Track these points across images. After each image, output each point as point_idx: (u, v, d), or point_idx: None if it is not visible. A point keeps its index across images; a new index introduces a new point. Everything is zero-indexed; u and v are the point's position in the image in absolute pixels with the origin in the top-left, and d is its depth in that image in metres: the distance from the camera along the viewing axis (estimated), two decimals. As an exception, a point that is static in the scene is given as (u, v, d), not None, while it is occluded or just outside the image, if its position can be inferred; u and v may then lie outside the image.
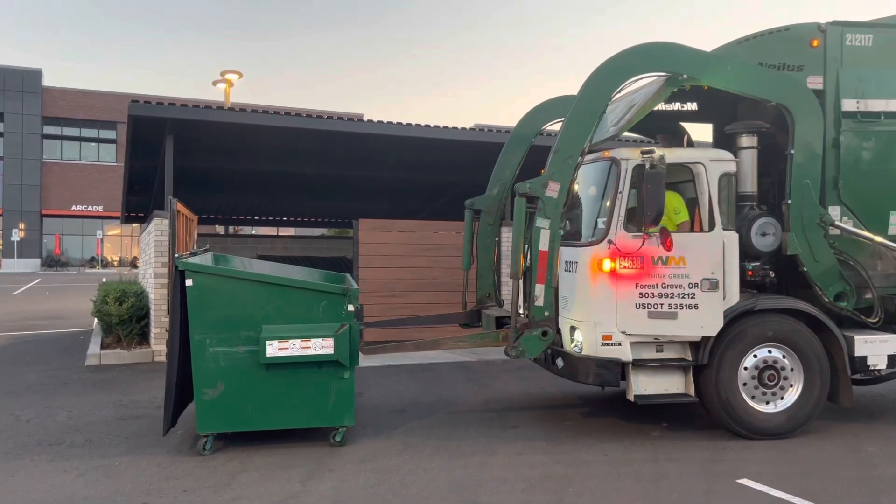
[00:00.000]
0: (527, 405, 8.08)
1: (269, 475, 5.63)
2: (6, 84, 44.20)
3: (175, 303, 6.30)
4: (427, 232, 13.01)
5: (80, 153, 47.10)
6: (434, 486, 5.40)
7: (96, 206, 46.23)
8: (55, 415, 7.58)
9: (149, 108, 11.02)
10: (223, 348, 6.22)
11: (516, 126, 8.69)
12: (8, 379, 9.63)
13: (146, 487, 5.37)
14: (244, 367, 6.23)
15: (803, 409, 6.62)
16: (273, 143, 13.36)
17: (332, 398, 6.39)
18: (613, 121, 7.26)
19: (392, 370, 10.12)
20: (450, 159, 14.89)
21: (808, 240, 6.70)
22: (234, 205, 21.01)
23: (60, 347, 12.55)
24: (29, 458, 6.07)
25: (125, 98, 21.69)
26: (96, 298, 12.06)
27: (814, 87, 6.84)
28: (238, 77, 23.04)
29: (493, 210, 8.62)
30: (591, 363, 6.48)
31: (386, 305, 11.91)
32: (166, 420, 6.32)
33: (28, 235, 44.24)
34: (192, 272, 6.18)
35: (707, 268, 6.45)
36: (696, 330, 6.45)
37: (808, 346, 6.62)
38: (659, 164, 6.17)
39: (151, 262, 11.58)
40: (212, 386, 6.21)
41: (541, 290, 6.49)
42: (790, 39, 6.92)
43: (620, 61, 6.60)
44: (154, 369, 10.13)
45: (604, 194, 6.69)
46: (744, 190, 6.93)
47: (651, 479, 5.57)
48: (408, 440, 6.60)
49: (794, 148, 6.69)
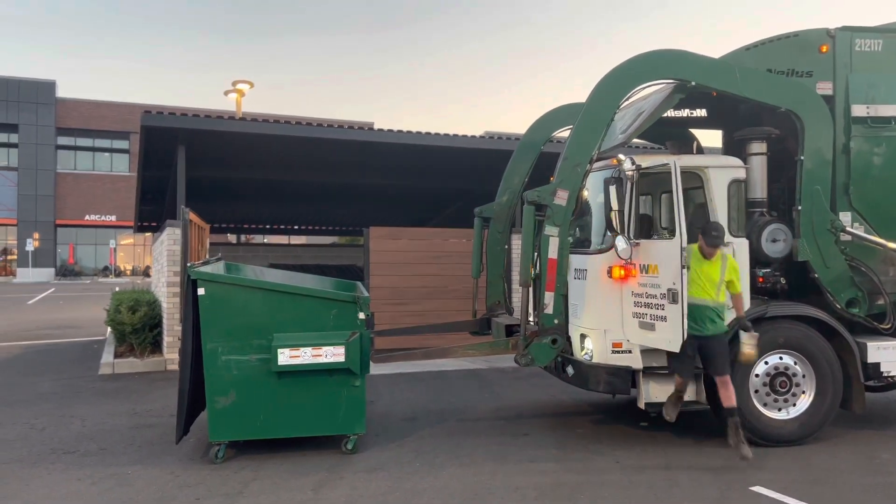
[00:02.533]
0: (538, 413, 8.08)
1: (281, 483, 5.66)
2: (21, 96, 44.70)
3: (187, 312, 6.34)
4: (437, 240, 13.04)
5: (93, 164, 47.54)
6: (446, 494, 5.41)
7: (109, 216, 46.59)
8: (69, 423, 7.65)
9: (161, 118, 11.13)
10: (235, 357, 6.26)
11: (525, 133, 8.71)
12: (23, 388, 9.72)
13: (159, 495, 5.41)
14: (256, 375, 6.27)
15: (816, 415, 6.58)
16: (284, 152, 13.44)
17: (344, 406, 6.42)
18: (622, 128, 7.28)
19: (403, 378, 10.13)
20: (459, 167, 14.94)
21: (819, 246, 6.67)
22: (245, 214, 21.14)
23: (74, 356, 12.64)
24: (43, 467, 6.13)
25: (138, 109, 21.89)
26: (109, 307, 12.16)
27: (823, 93, 6.83)
28: (249, 87, 23.25)
29: (502, 218, 8.63)
30: (601, 371, 6.47)
31: (396, 313, 11.94)
32: (179, 428, 6.37)
33: (42, 245, 44.62)
34: (203, 281, 6.23)
35: (670, 277, 6.16)
36: (664, 343, 6.22)
37: (820, 352, 6.59)
38: (624, 173, 6.23)
39: (164, 272, 11.67)
40: (224, 394, 6.25)
41: (550, 297, 6.49)
42: (799, 45, 6.92)
43: (629, 69, 6.61)
44: (167, 378, 10.19)
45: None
46: (754, 196, 6.91)
47: (664, 487, 5.55)
48: (419, 448, 6.61)
49: (804, 154, 6.68)
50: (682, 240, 6.11)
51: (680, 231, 6.13)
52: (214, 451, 6.26)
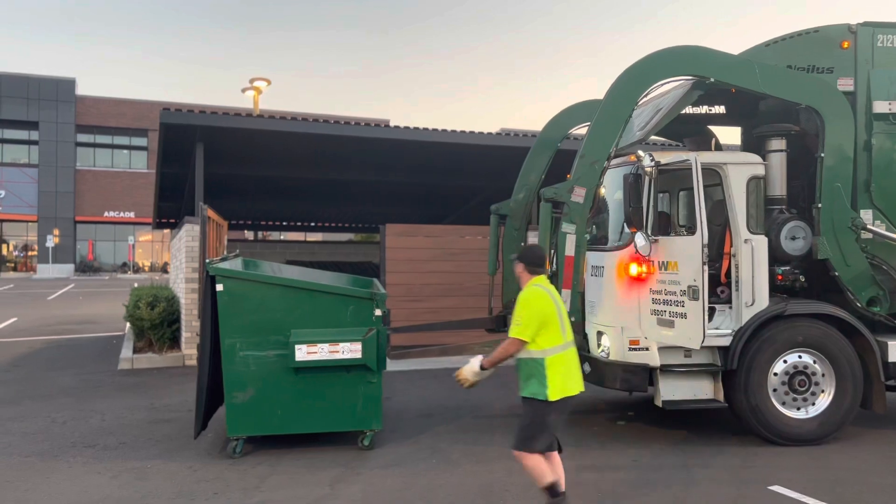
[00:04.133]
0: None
1: (298, 478, 5.69)
2: (41, 93, 45.19)
3: (206, 307, 6.41)
4: (453, 237, 13.04)
5: (112, 160, 47.97)
6: (461, 491, 5.42)
7: (128, 213, 47.02)
8: (89, 418, 7.74)
9: (180, 115, 11.20)
10: (253, 352, 6.31)
11: (542, 130, 8.70)
12: (43, 382, 9.85)
13: (177, 490, 5.46)
14: (274, 370, 6.32)
15: (835, 415, 6.52)
16: (301, 149, 13.51)
17: (361, 402, 6.46)
18: (640, 124, 7.24)
19: (419, 375, 10.15)
20: (476, 164, 14.93)
21: (840, 244, 6.61)
22: (262, 210, 21.24)
23: (94, 351, 12.78)
24: (64, 460, 6.21)
25: (156, 106, 22.06)
26: (128, 303, 12.27)
27: (844, 90, 6.76)
28: (266, 84, 23.31)
29: (518, 215, 8.62)
30: (618, 368, 6.45)
31: (412, 310, 11.94)
32: (197, 423, 6.44)
33: (62, 241, 45.12)
34: (222, 277, 6.27)
35: (690, 274, 6.24)
36: (684, 341, 6.31)
37: (840, 351, 6.53)
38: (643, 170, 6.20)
39: (182, 268, 11.76)
40: (242, 389, 6.31)
41: (567, 295, 6.47)
42: (820, 41, 6.85)
43: (647, 65, 6.58)
44: (185, 373, 10.28)
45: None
46: (773, 193, 6.86)
47: (681, 486, 5.53)
48: (435, 445, 6.63)
49: (824, 151, 6.62)
50: (702, 237, 6.13)
51: (701, 228, 6.14)
52: (232, 446, 6.31)
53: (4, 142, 45.74)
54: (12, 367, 11.21)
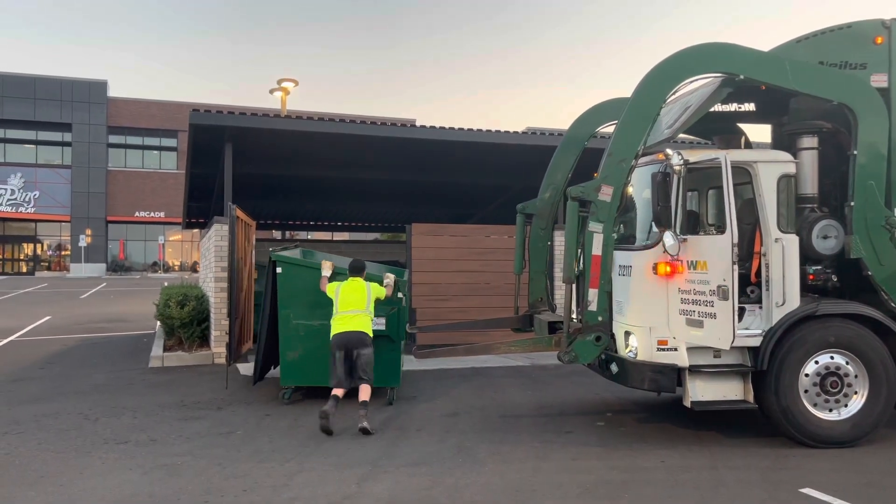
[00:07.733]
0: (581, 410, 8.03)
1: (326, 476, 5.74)
2: (74, 95, 46.04)
3: (267, 286, 8.38)
4: (479, 236, 13.04)
5: (142, 161, 48.74)
6: (488, 491, 5.41)
7: (158, 213, 47.72)
8: (121, 414, 7.87)
9: (209, 116, 11.33)
10: (303, 321, 8.21)
11: (569, 129, 8.65)
12: (77, 379, 10.03)
13: (207, 486, 5.52)
14: (318, 336, 8.02)
15: (869, 417, 6.41)
16: (328, 149, 13.58)
17: (383, 364, 8.01)
18: (668, 122, 7.16)
19: (445, 374, 10.17)
20: (501, 163, 14.89)
21: (873, 243, 6.49)
22: (289, 210, 21.38)
23: (125, 349, 12.99)
24: (97, 456, 6.32)
25: (186, 107, 22.28)
26: (159, 302, 12.45)
27: (878, 86, 6.64)
28: (294, 85, 23.47)
29: (545, 214, 8.58)
30: (646, 368, 6.40)
31: (438, 309, 11.97)
32: (255, 375, 8.74)
33: (94, 241, 45.94)
34: (280, 262, 8.22)
35: (720, 274, 6.18)
36: (713, 341, 6.25)
37: (874, 352, 6.41)
38: (672, 168, 6.15)
39: (212, 267, 11.89)
40: (293, 350, 8.23)
41: (594, 294, 6.44)
42: (852, 37, 6.73)
43: (676, 63, 6.52)
44: (214, 371, 10.41)
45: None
46: (804, 192, 6.75)
47: (709, 487, 5.47)
48: (461, 444, 6.63)
49: (857, 148, 6.50)
50: (732, 236, 6.06)
51: (730, 227, 6.08)
52: (282, 394, 8.29)
53: (39, 143, 46.68)
54: (46, 364, 11.44)
